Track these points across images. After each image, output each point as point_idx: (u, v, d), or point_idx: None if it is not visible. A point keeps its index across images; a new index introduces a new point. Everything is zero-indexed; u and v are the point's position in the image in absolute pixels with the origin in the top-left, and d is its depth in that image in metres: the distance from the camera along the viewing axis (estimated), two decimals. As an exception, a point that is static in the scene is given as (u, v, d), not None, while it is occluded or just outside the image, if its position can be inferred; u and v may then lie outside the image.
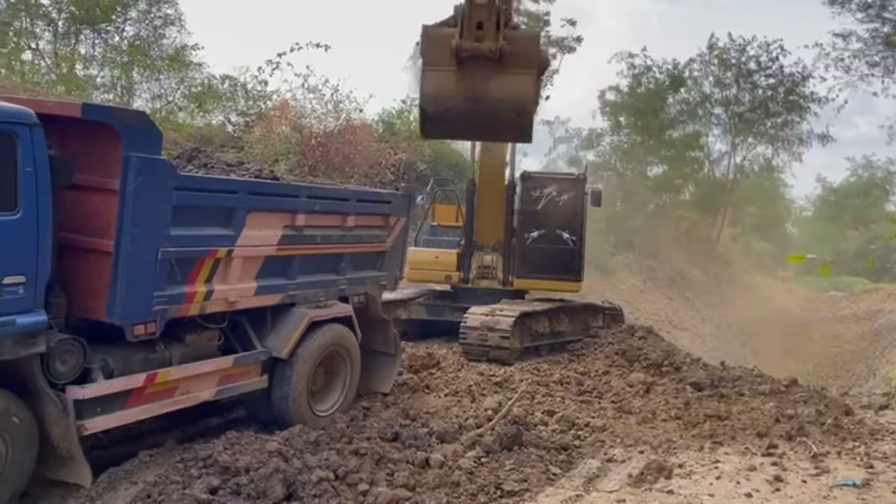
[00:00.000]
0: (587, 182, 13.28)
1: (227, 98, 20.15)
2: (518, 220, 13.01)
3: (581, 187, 13.10)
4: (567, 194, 13.05)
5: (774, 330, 35.28)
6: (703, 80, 39.29)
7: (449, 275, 13.27)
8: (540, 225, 12.95)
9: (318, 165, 18.49)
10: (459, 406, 8.41)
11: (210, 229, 6.11)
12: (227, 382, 6.52)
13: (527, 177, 13.45)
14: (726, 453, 7.26)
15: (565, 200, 13.02)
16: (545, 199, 13.00)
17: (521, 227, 12.97)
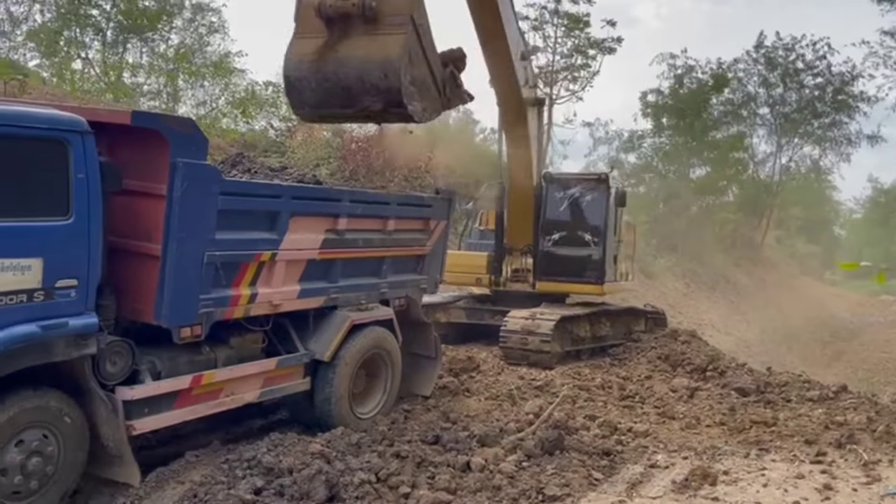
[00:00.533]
0: (610, 182, 12.87)
1: (269, 104, 20.45)
2: (540, 223, 12.82)
3: (605, 187, 12.71)
4: (590, 195, 12.73)
5: (822, 335, 34.48)
6: (749, 80, 38.70)
7: (479, 277, 13.22)
8: (561, 227, 12.74)
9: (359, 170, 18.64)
10: (500, 410, 8.39)
11: (254, 233, 6.22)
12: (270, 384, 6.61)
13: (549, 178, 13.24)
14: (773, 460, 7.11)
15: (588, 201, 12.74)
16: (568, 201, 12.81)
17: (543, 229, 12.80)
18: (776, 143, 40.00)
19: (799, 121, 39.12)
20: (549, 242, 12.77)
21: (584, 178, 13.29)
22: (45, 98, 13.27)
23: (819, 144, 40.31)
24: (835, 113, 38.53)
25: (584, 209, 12.72)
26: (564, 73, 29.84)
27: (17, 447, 4.81)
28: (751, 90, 38.79)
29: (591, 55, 29.40)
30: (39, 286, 4.81)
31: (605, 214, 12.57)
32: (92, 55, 21.14)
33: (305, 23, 7.28)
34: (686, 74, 34.72)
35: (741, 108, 38.79)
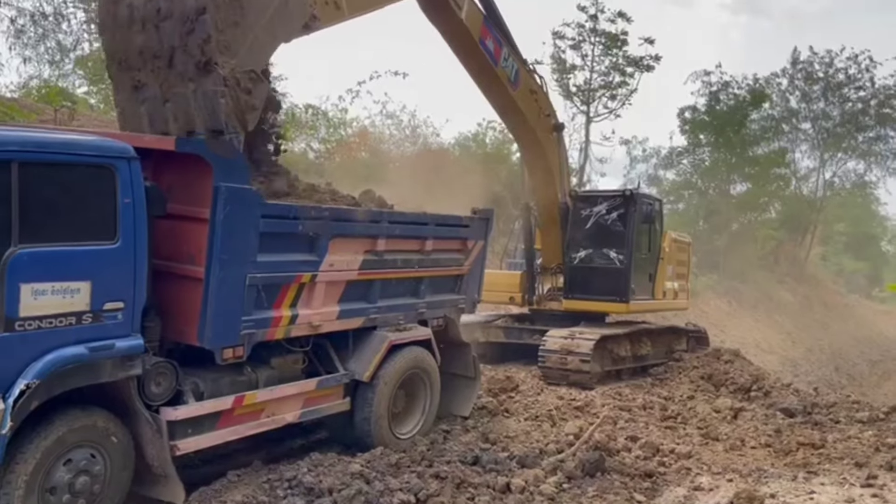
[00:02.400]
0: (637, 198, 12.65)
1: (309, 126, 20.77)
2: (567, 241, 12.74)
3: (631, 204, 12.51)
4: (616, 212, 12.56)
5: (871, 354, 33.57)
6: (789, 94, 38.13)
7: (513, 296, 13.22)
8: (587, 244, 12.62)
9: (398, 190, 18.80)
10: (540, 430, 8.32)
11: (295, 255, 6.29)
12: (310, 405, 6.66)
13: (576, 196, 13.14)
14: (822, 484, 6.94)
15: (614, 219, 12.56)
16: (594, 218, 12.66)
17: (570, 247, 12.71)
18: (819, 158, 39.29)
19: (842, 135, 38.37)
20: (574, 260, 12.71)
21: (610, 196, 13.06)
22: (93, 125, 13.67)
23: (864, 159, 39.49)
24: (879, 127, 37.73)
25: (610, 226, 12.57)
26: (602, 91, 29.73)
27: (65, 466, 4.91)
28: (792, 105, 38.27)
29: (629, 73, 29.26)
30: (88, 309, 4.93)
31: (631, 231, 12.41)
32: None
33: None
34: (722, 90, 34.37)
35: (782, 123, 38.24)
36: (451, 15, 9.72)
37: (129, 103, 6.78)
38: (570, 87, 29.51)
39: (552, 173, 12.58)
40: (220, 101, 6.09)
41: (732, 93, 34.99)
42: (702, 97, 35.10)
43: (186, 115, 6.30)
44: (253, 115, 6.46)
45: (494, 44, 10.44)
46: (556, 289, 13.28)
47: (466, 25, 9.90)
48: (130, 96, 6.74)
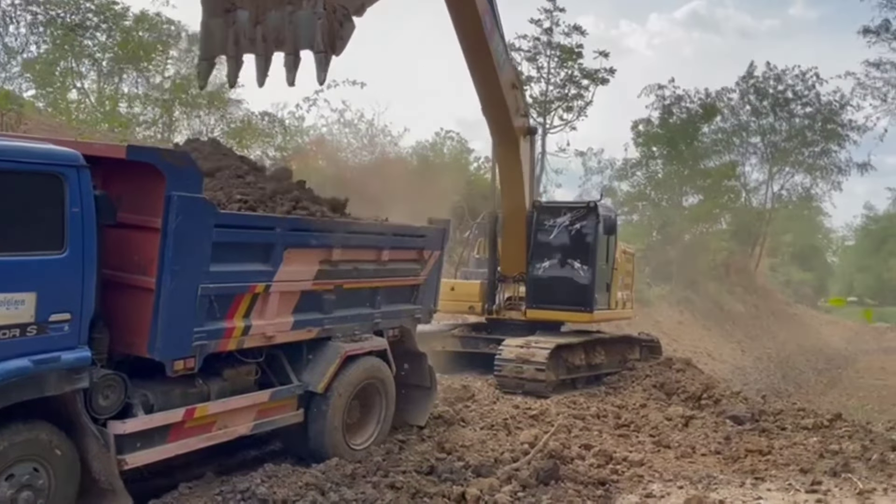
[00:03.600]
0: (600, 210, 12.90)
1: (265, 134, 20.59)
2: (531, 251, 12.89)
3: (594, 215, 12.76)
4: (580, 223, 12.79)
5: (817, 362, 34.48)
6: (740, 109, 39.17)
7: (472, 305, 13.30)
8: (552, 255, 12.83)
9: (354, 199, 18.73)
10: (495, 439, 8.36)
11: (249, 265, 6.23)
12: (263, 416, 6.58)
13: (540, 207, 13.33)
14: (769, 489, 7.12)
15: (577, 230, 12.80)
16: (557, 229, 12.89)
17: (534, 257, 12.87)
18: (768, 172, 40.43)
19: (790, 149, 39.55)
20: (539, 270, 12.82)
21: (573, 207, 13.30)
22: (40, 129, 13.35)
23: (810, 173, 40.74)
24: (824, 142, 39.01)
25: (574, 237, 12.78)
26: (558, 103, 30.13)
27: (7, 481, 4.75)
28: (742, 119, 39.33)
29: (584, 85, 29.71)
30: (32, 320, 4.80)
31: (594, 242, 12.63)
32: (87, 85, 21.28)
33: None
34: (675, 104, 35.12)
35: (733, 137, 39.24)
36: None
37: (218, 26, 7.57)
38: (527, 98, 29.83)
39: (522, 179, 12.74)
40: (318, 23, 6.88)
41: (685, 106, 35.80)
42: (655, 110, 35.83)
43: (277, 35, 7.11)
44: (341, 45, 7.19)
45: (490, 22, 10.65)
46: (516, 298, 13.39)
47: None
48: (221, 19, 7.54)
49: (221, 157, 7.47)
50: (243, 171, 7.33)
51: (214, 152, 7.57)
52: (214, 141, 8.42)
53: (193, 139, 8.94)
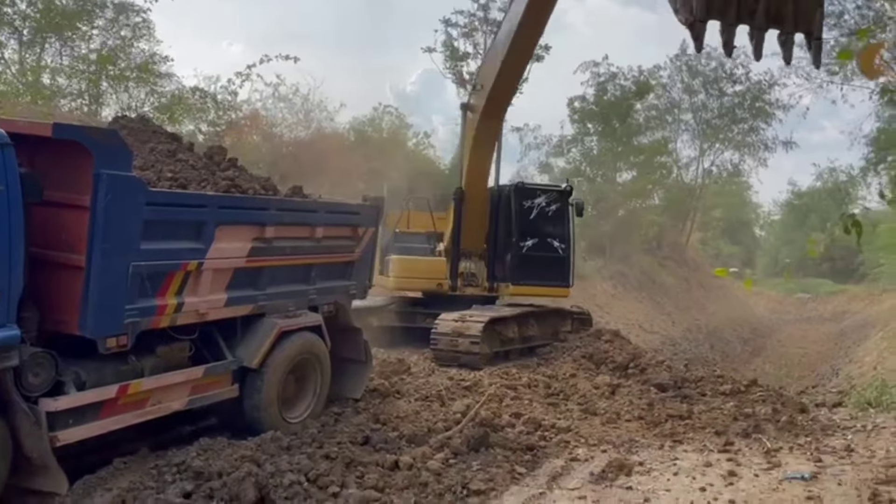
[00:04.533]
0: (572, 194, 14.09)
1: (197, 109, 20.19)
2: (514, 230, 13.62)
3: (567, 198, 13.93)
4: (555, 205, 13.81)
5: (742, 332, 35.95)
6: (672, 87, 40.11)
7: (440, 282, 13.59)
8: (533, 234, 13.64)
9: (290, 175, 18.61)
10: (429, 410, 8.59)
11: (180, 243, 6.28)
12: (198, 392, 6.67)
13: (521, 188, 14.09)
14: (685, 451, 7.55)
15: (553, 211, 13.79)
16: (536, 210, 13.72)
17: (517, 236, 13.58)
18: (699, 148, 41.58)
19: (720, 126, 40.72)
20: (523, 249, 13.52)
21: (548, 189, 14.32)
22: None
23: (739, 149, 42.06)
24: (753, 119, 40.30)
25: (552, 218, 13.77)
26: (495, 80, 30.28)
27: (-64, 461, 4.77)
28: (675, 97, 40.29)
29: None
30: (-41, 299, 4.79)
31: (570, 223, 13.88)
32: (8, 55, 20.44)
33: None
34: (609, 81, 35.70)
35: (665, 115, 40.18)
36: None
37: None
38: (464, 74, 29.92)
39: (491, 156, 13.21)
40: (819, 10, 6.74)
41: (619, 84, 36.38)
42: (591, 87, 36.32)
43: (777, 12, 6.68)
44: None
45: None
46: (468, 274, 13.84)
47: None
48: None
49: (151, 134, 7.44)
50: (174, 148, 7.32)
51: (144, 129, 7.53)
52: (143, 117, 8.35)
53: (122, 116, 8.83)
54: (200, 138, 20.15)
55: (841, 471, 6.66)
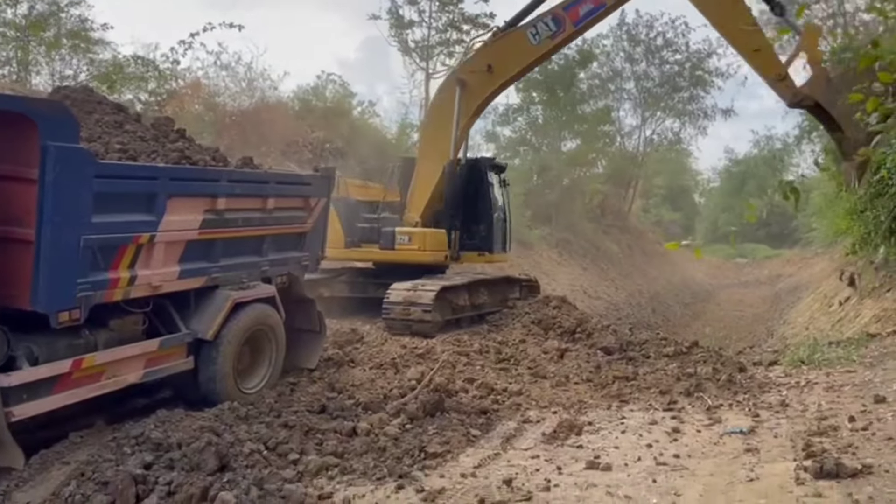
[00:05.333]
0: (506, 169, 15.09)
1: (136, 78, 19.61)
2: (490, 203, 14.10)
3: (503, 171, 14.82)
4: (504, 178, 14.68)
5: (683, 297, 37.05)
6: (615, 55, 40.60)
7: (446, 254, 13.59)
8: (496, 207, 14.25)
9: (234, 145, 18.33)
10: (384, 378, 8.72)
11: (132, 216, 6.22)
12: (153, 365, 6.65)
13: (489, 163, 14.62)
14: (632, 410, 7.86)
15: (503, 183, 14.64)
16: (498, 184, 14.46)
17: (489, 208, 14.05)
18: (641, 117, 42.31)
19: (661, 95, 41.46)
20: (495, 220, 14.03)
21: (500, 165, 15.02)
22: None
23: (679, 118, 42.93)
24: (693, 88, 41.12)
25: (504, 192, 14.49)
26: (440, 48, 30.19)
27: None
28: (617, 66, 40.80)
29: (466, 30, 29.84)
30: None
31: (508, 193, 14.80)
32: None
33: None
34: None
35: (608, 83, 40.68)
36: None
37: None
38: (409, 42, 29.75)
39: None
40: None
41: (563, 53, 36.62)
42: (535, 56, 36.46)
43: None
44: None
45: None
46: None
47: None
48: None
49: (96, 104, 7.28)
50: (120, 119, 7.19)
51: (88, 99, 7.37)
52: (87, 87, 8.14)
53: (64, 86, 8.59)
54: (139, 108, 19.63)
55: (776, 424, 7.04)
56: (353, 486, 5.35)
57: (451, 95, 13.28)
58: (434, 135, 13.70)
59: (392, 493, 5.20)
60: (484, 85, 13.37)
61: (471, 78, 13.25)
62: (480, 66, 13.22)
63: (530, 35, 12.81)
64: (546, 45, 12.99)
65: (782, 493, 5.05)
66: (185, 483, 4.94)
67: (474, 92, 13.28)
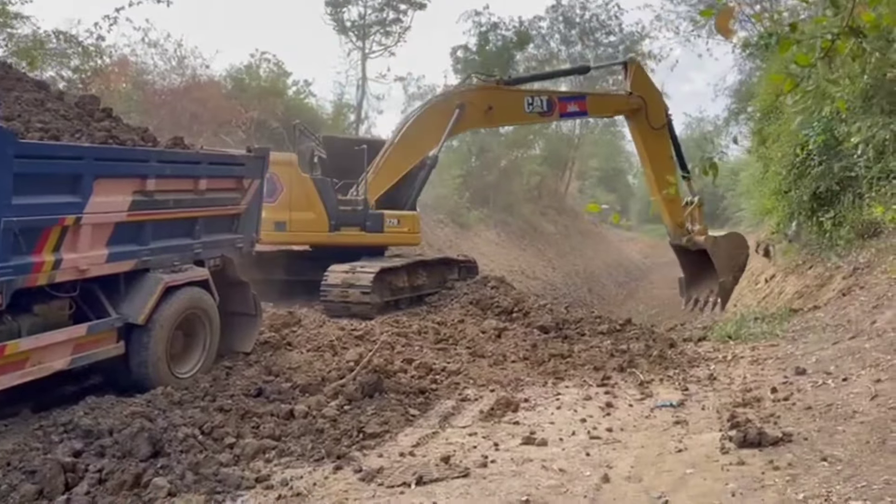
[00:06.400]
0: None
1: (59, 54, 18.84)
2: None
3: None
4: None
5: (618, 276, 37.89)
6: (550, 37, 40.90)
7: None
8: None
9: (164, 125, 17.84)
10: (322, 360, 8.66)
11: (56, 197, 6.01)
12: (81, 351, 6.47)
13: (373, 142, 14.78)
14: (567, 387, 8.03)
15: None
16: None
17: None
18: (576, 99, 42.75)
19: (596, 77, 41.96)
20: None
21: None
22: None
23: (613, 99, 43.56)
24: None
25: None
26: (376, 28, 29.90)
27: None
28: (553, 47, 41.12)
29: (403, 10, 29.64)
30: None
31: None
32: None
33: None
34: (490, 31, 35.99)
35: (545, 65, 40.96)
36: None
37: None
38: (345, 22, 29.37)
39: None
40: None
41: (500, 34, 36.74)
42: (473, 37, 36.51)
43: None
44: None
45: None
46: None
47: None
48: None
49: (15, 81, 6.99)
50: (41, 97, 6.91)
51: (6, 76, 7.06)
52: (4, 64, 7.79)
53: (-21, 62, 8.18)
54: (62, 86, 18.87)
55: (704, 397, 7.30)
56: (290, 467, 5.33)
57: (448, 112, 14.08)
58: (419, 135, 14.12)
59: (330, 474, 5.20)
60: (480, 121, 14.99)
61: (471, 108, 14.20)
62: (483, 104, 14.36)
63: (526, 103, 14.66)
64: (534, 117, 15.63)
65: (708, 462, 5.25)
66: (116, 470, 4.84)
67: (470, 120, 14.45)
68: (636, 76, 15.29)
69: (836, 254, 13.37)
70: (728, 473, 4.98)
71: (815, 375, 7.54)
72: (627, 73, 15.53)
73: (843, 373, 7.40)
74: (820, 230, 14.42)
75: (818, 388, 7.06)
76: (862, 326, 9.15)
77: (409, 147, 14.04)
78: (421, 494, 4.83)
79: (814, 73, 5.85)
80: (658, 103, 15.15)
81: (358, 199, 13.49)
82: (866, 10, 3.46)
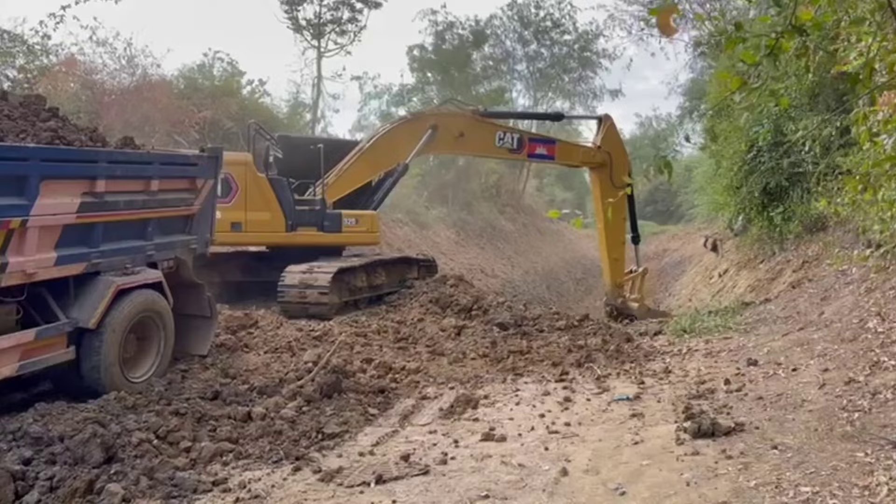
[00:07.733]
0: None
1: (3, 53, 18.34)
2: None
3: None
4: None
5: (576, 273, 38.28)
6: (506, 36, 41.13)
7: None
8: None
9: (114, 125, 17.46)
10: (279, 362, 8.59)
11: (0, 199, 5.82)
12: (29, 357, 6.29)
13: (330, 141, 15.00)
14: (526, 383, 8.09)
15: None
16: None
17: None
18: (533, 97, 43.09)
19: (552, 76, 42.35)
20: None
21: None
22: None
23: (569, 98, 44.01)
24: (581, 69, 42.23)
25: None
26: (332, 27, 29.69)
27: None
28: (509, 46, 41.36)
29: (358, 9, 29.49)
30: None
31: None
32: None
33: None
34: (447, 30, 36.06)
35: (501, 64, 41.18)
36: None
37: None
38: (300, 20, 29.13)
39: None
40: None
41: (457, 33, 36.83)
42: (429, 36, 36.54)
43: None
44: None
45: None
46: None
47: None
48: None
49: None
50: (-15, 97, 6.71)
51: None
52: None
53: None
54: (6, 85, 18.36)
55: (660, 390, 7.42)
56: (248, 470, 5.27)
57: (420, 130, 14.36)
58: (388, 148, 14.27)
59: (289, 475, 5.15)
60: (450, 145, 15.22)
61: (444, 131, 14.46)
62: (456, 129, 14.65)
63: (497, 137, 15.04)
64: (502, 152, 15.75)
65: (664, 454, 5.34)
66: (68, 477, 4.72)
67: (441, 143, 14.70)
68: (608, 132, 15.75)
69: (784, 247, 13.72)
70: (683, 464, 5.08)
71: (766, 366, 7.72)
72: (601, 127, 15.93)
73: (792, 363, 7.60)
74: (770, 225, 14.78)
75: (769, 379, 7.24)
76: (811, 318, 9.41)
77: (376, 158, 14.16)
78: (381, 493, 4.82)
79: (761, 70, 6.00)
80: (623, 164, 15.57)
81: (315, 199, 13.37)
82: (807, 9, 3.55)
